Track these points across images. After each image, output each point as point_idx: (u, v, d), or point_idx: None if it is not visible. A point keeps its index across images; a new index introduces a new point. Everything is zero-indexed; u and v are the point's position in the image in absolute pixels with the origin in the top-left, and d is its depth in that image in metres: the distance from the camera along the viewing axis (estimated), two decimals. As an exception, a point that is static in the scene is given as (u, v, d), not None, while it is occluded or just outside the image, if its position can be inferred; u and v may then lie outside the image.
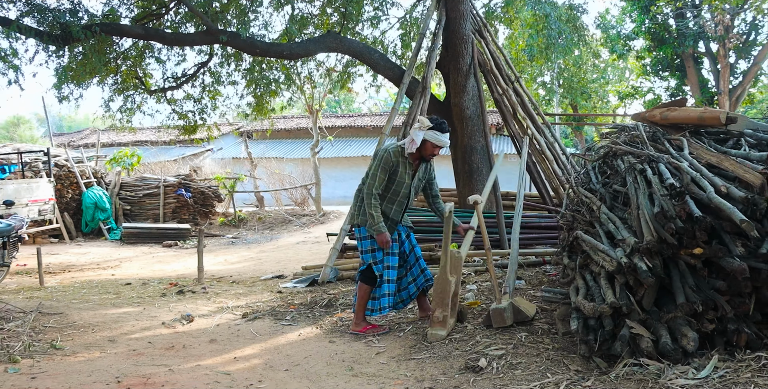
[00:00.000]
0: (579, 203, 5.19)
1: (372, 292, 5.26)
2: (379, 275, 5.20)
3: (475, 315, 5.31)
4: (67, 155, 17.69)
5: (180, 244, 15.92)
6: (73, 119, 62.53)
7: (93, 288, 8.54)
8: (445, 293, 4.78)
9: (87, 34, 9.51)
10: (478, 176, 10.30)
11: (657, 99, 25.62)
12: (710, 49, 22.51)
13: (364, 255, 5.25)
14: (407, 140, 5.09)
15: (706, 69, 23.43)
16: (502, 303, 4.55)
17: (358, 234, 5.27)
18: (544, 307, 5.28)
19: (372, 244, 5.21)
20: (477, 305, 5.73)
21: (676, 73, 23.81)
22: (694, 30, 21.50)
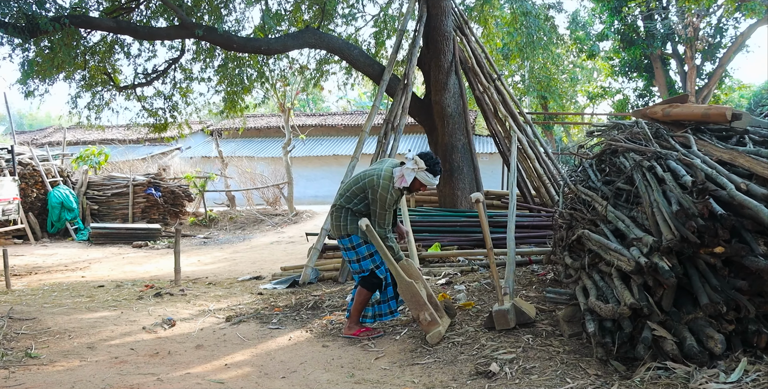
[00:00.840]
0: (578, 201, 5.05)
1: (373, 297, 5.09)
2: (384, 277, 5.06)
3: (471, 316, 5.14)
4: (31, 153, 17.13)
5: (150, 244, 15.53)
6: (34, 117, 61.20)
7: (64, 291, 8.19)
8: (416, 296, 4.70)
9: (55, 26, 9.12)
10: (459, 174, 10.15)
11: (625, 100, 25.86)
12: (677, 51, 22.82)
13: (363, 262, 5.08)
14: (397, 176, 5.04)
15: (673, 70, 23.74)
16: (504, 304, 4.38)
17: (350, 243, 5.11)
18: (541, 308, 5.13)
19: (369, 249, 5.06)
20: (471, 306, 5.56)
21: (644, 74, 24.06)
22: (663, 31, 21.74)
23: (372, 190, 4.98)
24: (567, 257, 4.68)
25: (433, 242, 8.99)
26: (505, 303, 4.39)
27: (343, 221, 5.12)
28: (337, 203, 5.20)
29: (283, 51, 10.69)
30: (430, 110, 10.41)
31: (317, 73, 14.23)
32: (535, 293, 5.93)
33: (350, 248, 5.12)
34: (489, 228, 9.00)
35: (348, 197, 5.14)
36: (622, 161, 4.54)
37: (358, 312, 5.13)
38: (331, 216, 5.25)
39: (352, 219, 5.10)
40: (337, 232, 5.18)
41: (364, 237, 5.04)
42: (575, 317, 4.22)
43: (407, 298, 4.73)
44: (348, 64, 11.71)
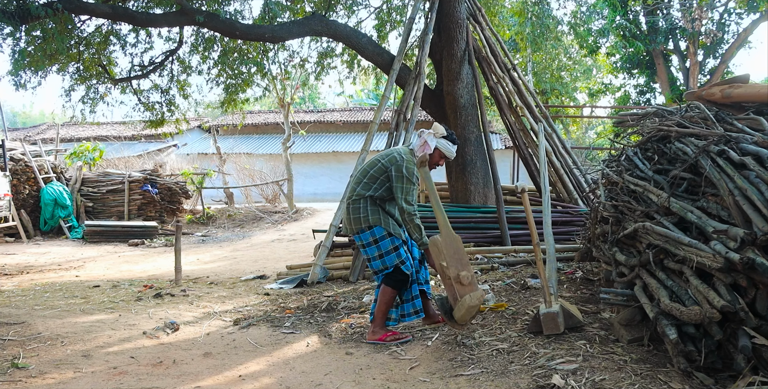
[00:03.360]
0: (623, 192, 4.58)
1: (396, 297, 4.63)
2: (410, 273, 4.63)
3: (508, 319, 4.65)
4: (23, 149, 16.56)
5: (147, 243, 15.02)
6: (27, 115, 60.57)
7: (57, 291, 7.68)
8: (459, 252, 4.32)
9: (47, 11, 8.61)
10: (472, 168, 9.68)
11: (626, 96, 25.47)
12: (679, 47, 22.47)
13: (387, 258, 4.63)
14: (417, 143, 4.74)
15: (674, 67, 23.38)
16: (552, 306, 3.90)
17: (371, 237, 4.66)
18: (583, 309, 4.66)
19: (393, 242, 4.63)
20: (504, 307, 5.08)
21: (646, 70, 23.69)
22: (666, 27, 21.39)
23: (396, 166, 4.59)
24: (618, 253, 4.20)
25: (447, 239, 8.49)
26: (552, 304, 3.91)
27: (362, 212, 4.67)
28: (354, 195, 4.74)
29: (288, 38, 10.18)
30: (441, 101, 9.93)
31: (318, 67, 13.75)
32: (568, 292, 5.46)
33: (371, 243, 4.66)
34: (506, 224, 8.63)
35: (366, 184, 4.70)
36: (679, 147, 4.07)
37: (383, 314, 4.66)
38: (348, 210, 4.78)
39: (373, 210, 4.67)
40: (356, 226, 4.70)
41: (388, 229, 4.62)
42: (634, 320, 3.75)
43: (450, 254, 4.28)
44: (356, 53, 11.24)
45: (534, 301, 5.30)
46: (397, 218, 4.78)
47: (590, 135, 40.31)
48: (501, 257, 7.98)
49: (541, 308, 3.95)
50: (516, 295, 5.69)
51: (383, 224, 4.63)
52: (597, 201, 5.18)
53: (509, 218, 8.75)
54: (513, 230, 8.65)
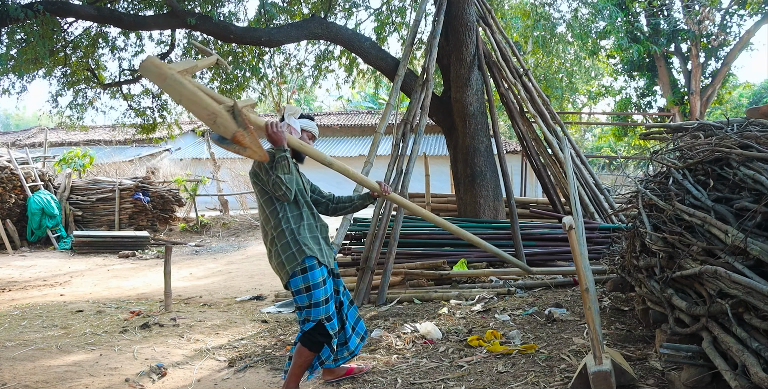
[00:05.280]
0: (674, 221, 4.00)
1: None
2: (333, 333, 3.91)
3: (541, 367, 4.07)
4: (9, 156, 15.91)
5: (138, 254, 14.41)
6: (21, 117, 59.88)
7: (36, 318, 7.06)
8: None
9: (28, 13, 8.02)
10: (482, 180, 9.12)
11: (627, 99, 24.99)
12: (680, 49, 22.05)
13: (314, 310, 3.81)
14: (283, 130, 3.90)
15: (676, 69, 22.95)
16: (603, 363, 3.31)
17: (303, 284, 3.80)
18: (627, 354, 4.09)
19: (326, 292, 3.83)
20: (534, 350, 4.50)
21: (647, 72, 23.26)
22: (668, 28, 20.97)
23: (252, 173, 3.91)
24: (675, 297, 3.62)
25: (457, 258, 7.94)
26: (604, 360, 3.33)
27: (275, 257, 3.90)
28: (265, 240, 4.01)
29: (286, 42, 9.60)
30: (449, 108, 9.36)
31: (315, 70, 13.18)
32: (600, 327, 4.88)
33: (299, 291, 3.82)
34: (521, 242, 8.05)
35: (263, 219, 3.97)
36: (748, 174, 3.49)
37: (297, 377, 3.94)
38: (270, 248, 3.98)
39: (283, 247, 3.84)
40: (284, 276, 3.89)
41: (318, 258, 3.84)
42: (702, 382, 3.18)
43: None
44: (357, 57, 10.67)
45: (565, 339, 4.73)
46: (323, 237, 4.02)
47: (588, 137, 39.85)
48: (517, 279, 7.41)
49: (589, 363, 3.37)
50: (542, 330, 5.12)
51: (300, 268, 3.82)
52: (639, 228, 4.59)
53: (523, 234, 8.19)
54: (527, 248, 8.07)
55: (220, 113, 3.38)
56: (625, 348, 4.32)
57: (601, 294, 6.11)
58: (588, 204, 8.94)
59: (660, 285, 3.88)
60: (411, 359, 4.69)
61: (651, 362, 3.92)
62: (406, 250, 8.12)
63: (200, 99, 3.37)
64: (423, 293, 7.01)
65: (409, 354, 4.83)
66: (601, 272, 6.76)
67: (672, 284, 3.84)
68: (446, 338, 5.20)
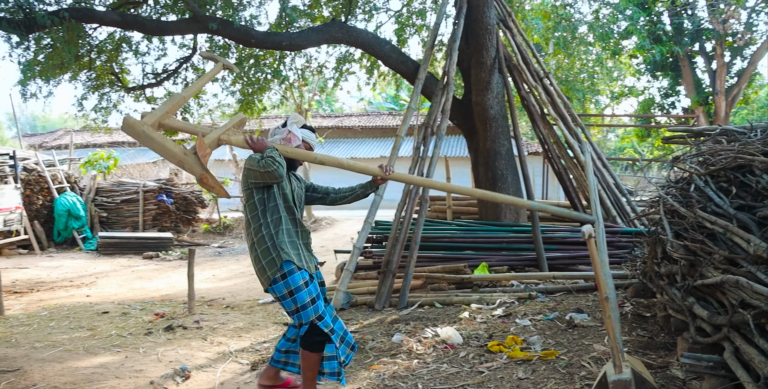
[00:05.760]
0: (695, 228, 3.99)
1: (334, 338, 3.95)
2: (329, 330, 3.89)
3: (561, 373, 4.08)
4: (37, 158, 16.19)
5: (162, 255, 14.56)
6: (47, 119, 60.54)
7: (63, 319, 7.20)
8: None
9: (54, 20, 8.17)
10: (503, 183, 9.13)
11: (651, 100, 24.77)
12: (705, 48, 21.77)
13: (303, 313, 3.81)
14: (278, 137, 4.09)
15: (700, 68, 22.69)
16: (623, 372, 3.32)
17: (285, 289, 3.79)
18: (648, 362, 4.09)
19: (310, 294, 3.84)
20: (554, 356, 4.51)
21: (670, 72, 23.00)
22: (692, 28, 20.72)
23: (244, 175, 3.93)
24: (696, 306, 3.62)
25: (478, 261, 7.95)
26: (624, 369, 3.33)
27: (256, 262, 3.90)
28: (248, 244, 4.03)
29: (307, 46, 9.66)
30: (469, 112, 9.38)
31: (336, 73, 13.24)
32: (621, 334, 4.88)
33: (284, 296, 3.83)
34: (542, 246, 8.04)
35: (245, 223, 4.01)
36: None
37: (312, 380, 3.97)
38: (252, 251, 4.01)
39: (263, 252, 3.86)
40: (265, 281, 3.90)
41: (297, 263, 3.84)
42: (723, 392, 3.18)
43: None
44: (377, 62, 10.70)
45: (586, 345, 4.74)
46: (295, 240, 3.96)
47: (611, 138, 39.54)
48: (538, 283, 7.41)
49: (609, 371, 3.37)
50: (563, 336, 5.13)
51: (280, 274, 3.83)
52: (660, 234, 4.58)
53: (545, 238, 8.18)
54: (549, 252, 8.06)
55: (185, 159, 3.85)
56: (646, 355, 4.32)
57: (623, 300, 6.09)
58: (610, 208, 8.90)
59: (681, 293, 3.88)
60: (432, 364, 4.72)
61: (672, 370, 3.91)
62: (428, 253, 8.15)
63: (168, 149, 3.93)
64: (444, 297, 7.03)
65: (429, 359, 4.86)
66: (622, 277, 6.73)
67: (693, 292, 3.84)
68: (467, 343, 5.22)
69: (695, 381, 3.51)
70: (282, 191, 3.94)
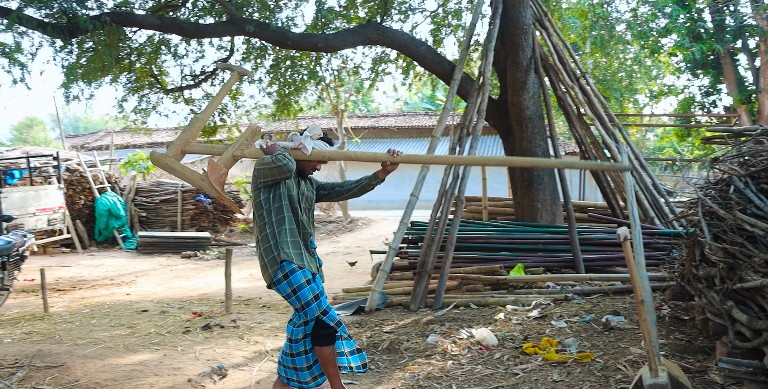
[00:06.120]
0: (735, 230, 3.93)
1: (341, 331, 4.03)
2: (335, 323, 3.95)
3: (597, 376, 4.05)
4: (79, 159, 16.58)
5: (200, 254, 14.77)
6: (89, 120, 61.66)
7: (104, 317, 7.36)
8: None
9: (96, 24, 8.36)
10: (539, 184, 9.07)
11: (691, 98, 24.34)
12: (748, 45, 21.29)
13: (308, 309, 3.89)
14: (293, 145, 4.11)
15: (743, 66, 22.20)
16: (660, 376, 3.29)
17: (289, 288, 3.89)
18: (685, 366, 4.04)
19: (313, 291, 3.90)
20: (590, 359, 4.48)
21: (711, 70, 22.54)
22: (734, 24, 20.29)
23: (254, 175, 4.06)
24: (735, 310, 3.57)
25: (514, 262, 7.92)
26: (660, 373, 3.30)
27: (260, 259, 4.02)
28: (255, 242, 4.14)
29: (342, 48, 9.72)
30: (505, 112, 9.34)
31: (372, 73, 13.27)
32: (659, 337, 4.82)
33: (290, 294, 3.93)
34: (578, 247, 7.96)
35: (254, 222, 4.12)
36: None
37: (336, 373, 4.04)
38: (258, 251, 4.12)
39: (266, 251, 3.96)
40: (267, 278, 4.03)
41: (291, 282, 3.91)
42: (763, 397, 3.13)
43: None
44: (412, 62, 10.70)
45: (622, 348, 4.69)
46: (297, 240, 4.01)
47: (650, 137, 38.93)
48: (574, 285, 7.35)
49: (645, 375, 3.34)
50: (599, 338, 5.08)
51: (282, 271, 3.91)
52: (697, 236, 4.52)
53: (581, 239, 8.10)
54: (586, 254, 7.99)
55: (202, 184, 4.34)
56: (684, 359, 4.26)
57: (661, 302, 6.02)
58: (648, 208, 8.78)
59: (720, 297, 3.83)
60: (466, 365, 4.72)
61: (711, 375, 3.86)
62: (463, 254, 8.14)
63: (188, 177, 4.42)
64: (479, 298, 7.02)
65: (464, 360, 4.86)
66: (660, 279, 6.65)
67: (732, 296, 3.78)
68: (502, 344, 5.21)
69: (734, 386, 3.46)
70: (288, 192, 4.02)
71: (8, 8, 8.95)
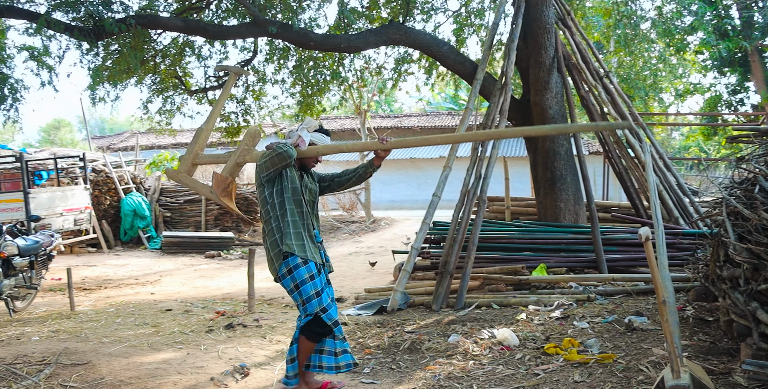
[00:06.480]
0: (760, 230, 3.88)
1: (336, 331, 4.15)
2: (333, 322, 4.05)
3: (618, 378, 4.03)
4: (104, 160, 16.81)
5: (223, 254, 14.89)
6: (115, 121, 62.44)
7: (129, 316, 7.46)
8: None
9: (121, 27, 8.48)
10: (562, 184, 9.02)
11: (718, 97, 24.02)
12: (775, 42, 21.00)
13: (308, 304, 4.00)
14: (292, 140, 4.26)
15: (771, 64, 21.88)
16: (681, 378, 3.26)
17: (292, 283, 4.01)
18: (708, 368, 4.00)
19: (315, 287, 4.00)
20: (611, 359, 4.45)
21: (739, 68, 22.21)
22: (763, 21, 19.97)
23: (257, 167, 4.18)
24: (760, 311, 3.53)
25: (536, 262, 7.89)
26: (682, 375, 3.28)
27: (267, 252, 4.14)
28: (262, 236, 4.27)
29: (365, 48, 9.76)
30: (528, 112, 9.30)
31: (395, 74, 13.27)
32: (682, 338, 4.78)
33: (293, 289, 4.04)
34: (602, 247, 7.91)
35: (261, 216, 4.32)
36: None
37: (301, 365, 4.19)
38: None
39: (272, 244, 4.08)
40: (273, 272, 4.16)
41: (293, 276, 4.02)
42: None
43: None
44: (435, 62, 10.69)
45: (645, 349, 4.66)
46: (300, 232, 4.10)
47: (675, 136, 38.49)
48: (597, 285, 7.31)
49: (667, 377, 3.32)
50: (621, 339, 5.05)
51: (286, 264, 4.03)
52: (721, 236, 4.47)
53: (604, 239, 8.05)
54: (609, 254, 7.93)
55: (212, 195, 4.76)
56: (708, 360, 4.22)
57: (685, 303, 5.96)
58: (672, 208, 8.70)
59: (744, 298, 3.79)
60: (487, 365, 4.71)
61: (735, 377, 3.82)
62: (485, 254, 8.12)
63: (200, 189, 5.06)
64: (501, 298, 7.00)
65: (485, 361, 4.85)
66: (684, 279, 6.59)
67: (757, 297, 3.74)
68: (523, 345, 5.20)
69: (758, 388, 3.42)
70: (291, 184, 4.12)
71: (37, 13, 9.11)
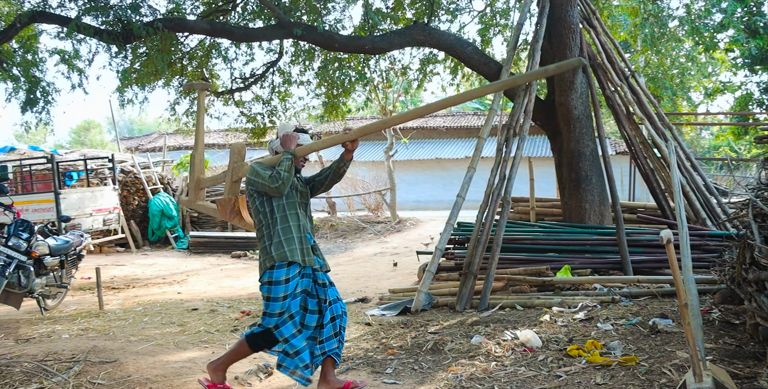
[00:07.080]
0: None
1: (286, 347, 4.18)
2: (283, 339, 4.15)
3: (641, 380, 4.01)
4: (133, 161, 17.05)
5: (249, 254, 15.00)
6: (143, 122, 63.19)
7: (156, 315, 7.58)
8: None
9: (149, 30, 8.61)
10: (587, 185, 8.97)
11: (749, 95, 23.64)
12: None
13: (266, 319, 4.17)
14: (280, 143, 4.38)
15: (805, 62, 21.46)
16: (704, 381, 3.24)
17: (266, 293, 4.16)
18: (733, 371, 3.96)
19: (282, 307, 4.10)
20: (634, 362, 4.43)
21: (771, 66, 21.84)
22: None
23: (247, 182, 4.22)
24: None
25: (561, 264, 7.85)
26: (704, 378, 3.26)
27: (258, 258, 4.31)
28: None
29: (389, 50, 9.79)
30: (553, 112, 9.26)
31: (420, 74, 13.29)
32: (707, 342, 4.74)
33: (264, 299, 4.19)
34: (627, 249, 7.85)
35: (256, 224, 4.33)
36: None
37: (228, 362, 4.36)
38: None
39: (261, 251, 4.22)
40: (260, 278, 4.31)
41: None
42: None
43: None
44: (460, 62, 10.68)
45: (668, 352, 4.63)
46: (291, 237, 4.16)
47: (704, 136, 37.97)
48: (622, 287, 7.25)
49: (689, 380, 3.30)
50: (645, 341, 5.02)
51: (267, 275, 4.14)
52: (747, 238, 4.42)
53: (630, 240, 7.98)
54: (634, 255, 7.87)
55: (215, 213, 5.27)
56: (733, 364, 4.18)
57: (710, 306, 5.90)
58: (699, 209, 8.62)
59: None
60: (509, 367, 4.71)
61: (761, 381, 3.78)
62: (509, 255, 8.10)
63: (212, 213, 5.65)
64: (525, 299, 6.98)
65: (508, 362, 4.85)
66: (710, 282, 6.52)
67: (782, 299, 3.70)
68: (546, 346, 5.19)
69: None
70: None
71: (68, 17, 9.28)
